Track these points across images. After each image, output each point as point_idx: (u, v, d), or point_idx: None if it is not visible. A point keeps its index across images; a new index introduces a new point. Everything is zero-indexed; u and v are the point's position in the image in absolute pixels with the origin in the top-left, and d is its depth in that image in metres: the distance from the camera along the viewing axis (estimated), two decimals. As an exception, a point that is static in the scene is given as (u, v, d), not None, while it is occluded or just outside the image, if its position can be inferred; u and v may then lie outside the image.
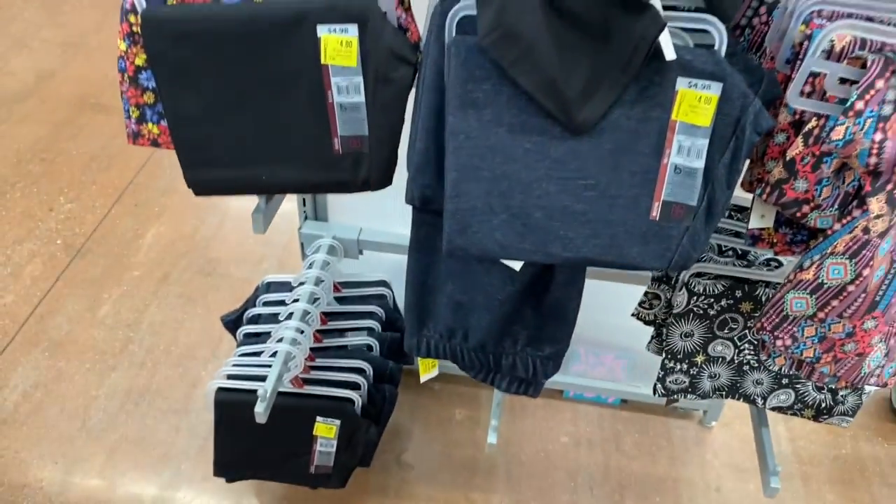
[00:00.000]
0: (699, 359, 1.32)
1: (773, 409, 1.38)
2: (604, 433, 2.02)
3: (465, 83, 0.88)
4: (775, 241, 1.07)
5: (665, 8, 0.86)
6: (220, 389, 1.54)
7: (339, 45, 0.93)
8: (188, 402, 1.99)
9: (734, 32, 1.08)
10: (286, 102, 0.98)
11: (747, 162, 1.02)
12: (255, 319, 1.67)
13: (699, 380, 1.35)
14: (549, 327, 1.14)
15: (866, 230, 0.89)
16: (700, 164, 0.88)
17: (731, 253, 1.29)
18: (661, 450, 1.99)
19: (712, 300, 1.25)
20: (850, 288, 0.94)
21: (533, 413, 2.05)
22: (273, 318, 1.59)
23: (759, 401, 1.37)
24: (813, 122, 0.91)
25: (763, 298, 1.24)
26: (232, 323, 1.73)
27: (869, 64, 0.83)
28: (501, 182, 0.92)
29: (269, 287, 1.72)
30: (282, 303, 1.61)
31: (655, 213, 0.92)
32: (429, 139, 0.94)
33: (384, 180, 1.03)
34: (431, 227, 1.06)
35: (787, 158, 0.94)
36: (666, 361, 1.33)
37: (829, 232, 0.95)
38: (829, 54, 0.86)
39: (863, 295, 0.95)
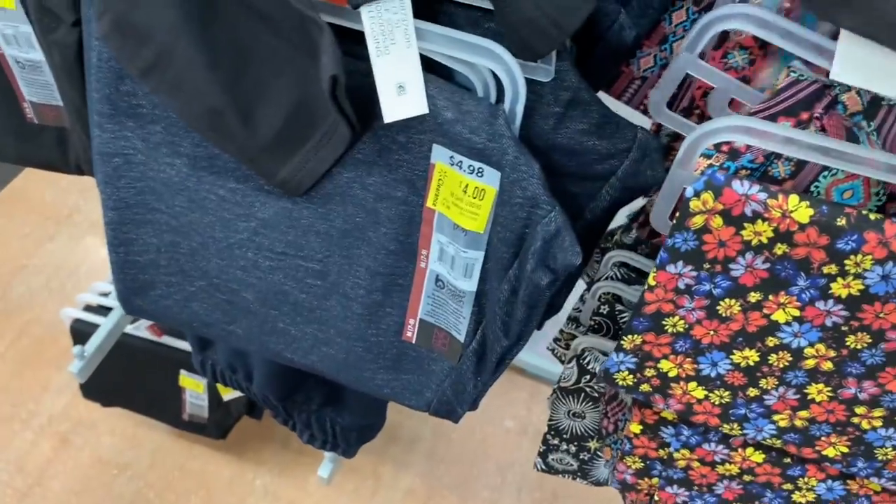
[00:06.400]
0: (592, 445, 0.98)
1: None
2: (559, 426, 1.71)
3: (116, 80, 0.53)
4: None
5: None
6: (78, 319, 1.35)
7: (-16, -23, 0.60)
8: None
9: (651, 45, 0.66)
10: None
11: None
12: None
13: (591, 467, 1.01)
14: (349, 396, 0.83)
15: None
16: (469, 286, 0.52)
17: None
18: (618, 464, 1.67)
19: (612, 386, 0.89)
20: None
21: (484, 384, 1.76)
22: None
23: None
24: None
25: (681, 402, 0.87)
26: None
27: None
28: (190, 235, 0.59)
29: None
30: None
31: (411, 333, 0.57)
32: (108, 144, 0.60)
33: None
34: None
35: None
36: (549, 436, 1.00)
37: None
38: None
39: None
